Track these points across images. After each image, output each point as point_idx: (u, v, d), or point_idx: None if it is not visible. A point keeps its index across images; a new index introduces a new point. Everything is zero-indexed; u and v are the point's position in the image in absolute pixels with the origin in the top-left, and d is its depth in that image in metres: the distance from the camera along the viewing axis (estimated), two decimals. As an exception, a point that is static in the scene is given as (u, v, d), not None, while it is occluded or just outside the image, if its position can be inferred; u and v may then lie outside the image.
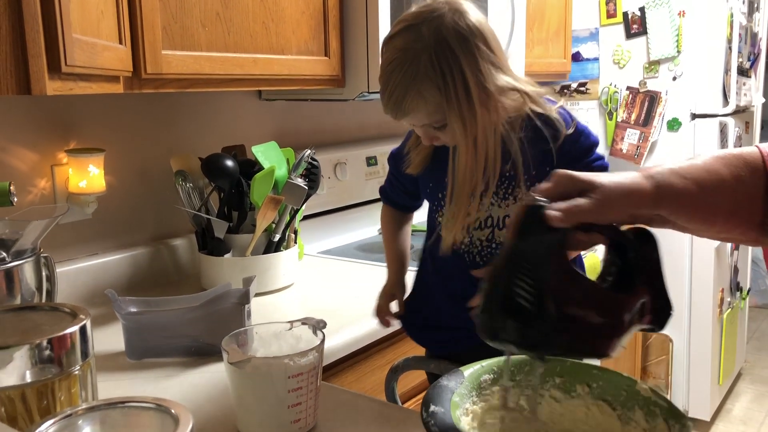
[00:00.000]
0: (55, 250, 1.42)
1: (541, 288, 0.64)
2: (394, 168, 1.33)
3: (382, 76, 1.11)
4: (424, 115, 1.10)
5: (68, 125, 1.53)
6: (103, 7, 1.10)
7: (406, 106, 1.08)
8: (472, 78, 1.06)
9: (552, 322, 0.64)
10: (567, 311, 0.64)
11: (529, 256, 0.65)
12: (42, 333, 0.73)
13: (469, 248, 1.20)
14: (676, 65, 2.76)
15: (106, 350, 1.26)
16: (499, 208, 1.17)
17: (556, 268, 0.65)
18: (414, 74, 1.06)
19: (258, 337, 0.98)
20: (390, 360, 1.40)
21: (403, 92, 1.07)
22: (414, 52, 1.06)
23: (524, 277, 0.64)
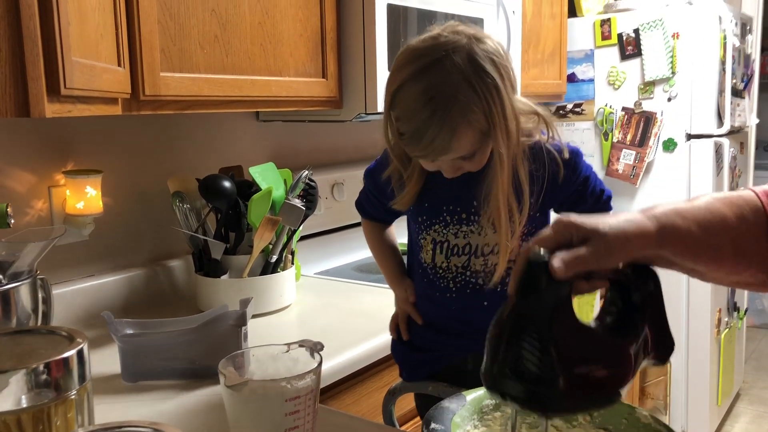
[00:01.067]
0: (52, 271, 1.41)
1: (549, 350, 0.63)
2: (372, 186, 1.29)
3: (417, 118, 1.02)
4: (469, 146, 1.06)
5: (66, 147, 1.53)
6: (102, 30, 1.11)
7: (455, 143, 1.03)
8: (507, 100, 1.05)
9: (560, 386, 0.63)
10: (575, 371, 0.64)
11: (535, 316, 0.65)
12: (39, 357, 0.72)
13: (444, 273, 1.19)
14: (671, 86, 2.78)
15: (101, 373, 1.25)
16: (478, 236, 1.16)
17: (561, 325, 0.65)
18: (461, 107, 1.01)
19: (255, 359, 0.97)
20: (387, 382, 1.39)
21: (453, 128, 1.01)
22: (453, 85, 1.01)
23: (530, 338, 0.64)
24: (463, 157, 1.07)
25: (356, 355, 1.36)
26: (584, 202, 1.19)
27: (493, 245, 1.15)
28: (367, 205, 1.34)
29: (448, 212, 1.17)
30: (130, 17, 1.24)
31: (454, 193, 1.16)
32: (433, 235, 1.19)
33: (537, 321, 0.65)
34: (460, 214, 1.16)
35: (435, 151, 1.04)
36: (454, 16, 1.92)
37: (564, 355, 0.63)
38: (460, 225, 1.16)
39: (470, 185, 1.13)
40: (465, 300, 1.18)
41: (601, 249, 0.66)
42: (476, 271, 1.17)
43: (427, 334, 1.24)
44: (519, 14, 2.27)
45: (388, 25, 1.70)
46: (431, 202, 1.18)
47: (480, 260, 1.16)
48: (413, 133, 1.04)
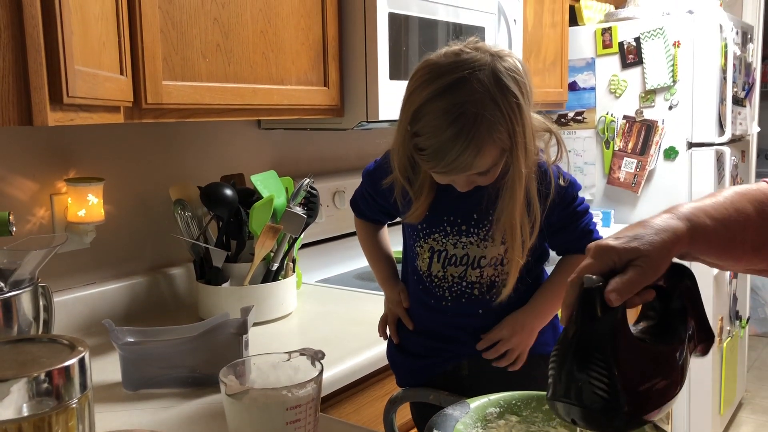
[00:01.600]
0: (53, 279, 1.41)
1: (614, 375, 0.66)
2: (371, 187, 1.28)
3: (442, 136, 1.02)
4: (490, 163, 1.06)
5: (68, 154, 1.54)
6: (104, 39, 1.11)
7: (479, 161, 1.03)
8: (528, 118, 1.06)
9: (626, 410, 0.66)
10: (639, 390, 0.67)
11: (597, 343, 0.67)
12: (40, 366, 0.72)
13: (440, 282, 1.19)
14: (672, 95, 2.78)
15: (102, 381, 1.25)
16: (477, 248, 1.16)
17: (622, 349, 0.67)
18: (488, 125, 1.01)
19: (256, 368, 0.97)
20: (389, 391, 1.39)
21: (479, 146, 1.02)
22: (479, 103, 1.01)
23: (596, 366, 0.66)
24: (480, 172, 1.07)
25: (357, 363, 1.36)
26: (569, 233, 1.19)
27: (491, 258, 1.16)
28: (362, 205, 1.34)
29: (448, 222, 1.17)
30: (133, 26, 1.24)
31: (456, 205, 1.16)
32: (431, 244, 1.19)
33: (600, 347, 0.67)
34: (461, 226, 1.16)
35: (458, 168, 1.04)
36: (456, 25, 1.93)
37: (627, 377, 0.66)
38: (459, 236, 1.16)
39: (473, 198, 1.13)
40: (460, 308, 1.19)
41: (648, 269, 0.68)
42: (472, 282, 1.17)
43: (422, 339, 1.24)
44: (520, 23, 2.28)
45: (389, 34, 1.71)
46: (432, 211, 1.18)
47: (476, 272, 1.17)
48: (437, 150, 1.03)
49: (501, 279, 1.17)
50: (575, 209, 1.19)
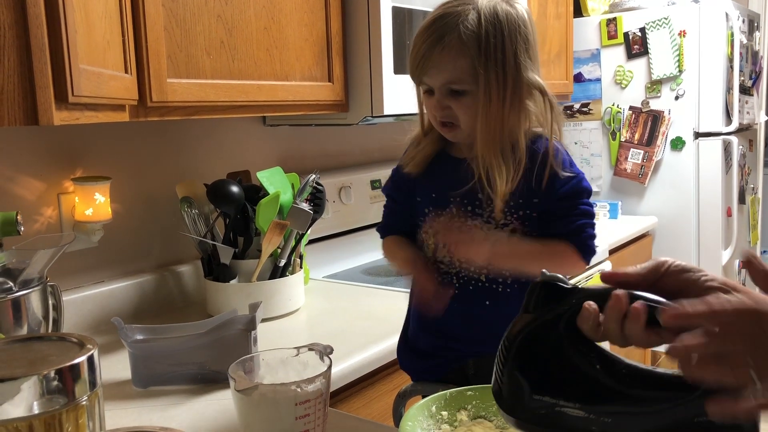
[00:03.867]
0: (62, 278, 1.42)
1: (507, 364, 0.67)
2: (393, 189, 1.29)
3: (421, 27, 1.11)
4: (452, 67, 1.09)
5: (74, 154, 1.54)
6: (109, 38, 1.12)
7: (447, 43, 1.07)
8: (512, 57, 1.09)
9: (506, 406, 0.67)
10: (533, 396, 0.67)
11: (516, 333, 0.68)
12: (50, 363, 0.73)
13: (447, 267, 1.19)
14: (678, 84, 2.77)
15: (112, 378, 1.26)
16: (481, 231, 1.15)
17: (534, 349, 0.68)
18: (458, 20, 1.08)
19: (265, 363, 0.98)
20: (398, 385, 1.39)
21: (446, 31, 1.08)
22: (462, 9, 1.09)
23: (501, 350, 0.68)
24: (452, 88, 1.10)
25: (366, 358, 1.36)
26: (565, 224, 1.15)
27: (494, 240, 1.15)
28: (391, 221, 1.30)
29: (454, 203, 1.17)
30: (137, 24, 1.24)
31: (462, 185, 1.16)
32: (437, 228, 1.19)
33: (513, 337, 0.68)
34: (466, 207, 1.16)
35: (424, 63, 1.10)
36: (460, 18, 1.92)
37: (523, 375, 0.66)
38: (465, 218, 1.16)
39: (472, 178, 1.14)
40: (467, 297, 1.18)
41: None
42: (479, 266, 1.17)
43: (429, 338, 1.24)
44: (524, 15, 2.26)
45: (393, 28, 1.70)
46: (438, 192, 1.19)
47: None
48: (413, 45, 1.12)
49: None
50: (578, 205, 1.15)
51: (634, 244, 2.72)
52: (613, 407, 0.63)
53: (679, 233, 2.84)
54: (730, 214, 2.83)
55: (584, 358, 0.65)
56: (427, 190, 1.21)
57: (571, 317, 0.65)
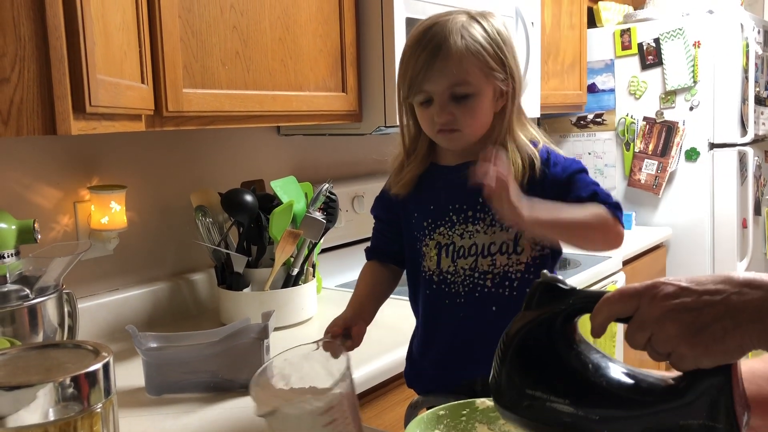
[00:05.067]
0: (77, 285, 1.43)
1: (505, 360, 0.71)
2: (381, 210, 1.28)
3: (408, 43, 1.11)
4: (457, 71, 1.07)
5: (91, 163, 1.56)
6: (126, 48, 1.13)
7: (449, 47, 1.06)
8: (510, 57, 1.11)
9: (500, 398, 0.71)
10: (525, 391, 0.69)
11: (515, 330, 0.73)
12: (65, 371, 0.73)
13: (453, 277, 1.18)
14: (692, 95, 2.76)
15: (126, 386, 1.26)
16: (484, 235, 1.15)
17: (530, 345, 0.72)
18: (454, 26, 1.07)
19: (287, 363, 0.98)
20: (409, 395, 1.38)
21: (445, 36, 1.07)
22: (450, 17, 1.09)
23: (500, 343, 0.73)
24: (456, 93, 1.09)
25: (378, 368, 1.36)
26: (572, 190, 1.13)
27: (500, 244, 1.15)
28: (380, 242, 1.29)
29: (453, 211, 1.16)
30: (153, 35, 1.26)
31: (460, 191, 1.14)
32: (437, 239, 1.18)
33: (511, 333, 0.72)
34: (467, 212, 1.16)
35: (424, 71, 1.08)
36: (473, 29, 1.93)
37: (516, 369, 0.70)
38: (466, 224, 1.16)
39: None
40: (474, 306, 1.17)
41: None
42: (484, 272, 1.16)
43: (435, 357, 1.22)
44: (538, 25, 2.27)
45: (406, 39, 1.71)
46: (436, 203, 1.18)
47: (487, 260, 1.15)
48: (404, 60, 1.11)
49: (515, 270, 1.15)
50: (584, 180, 1.14)
51: (648, 256, 2.70)
52: (601, 406, 0.66)
53: (694, 244, 2.82)
54: (746, 226, 2.80)
55: (577, 358, 0.68)
56: (423, 205, 1.20)
57: (567, 317, 0.68)
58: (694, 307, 0.60)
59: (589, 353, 0.68)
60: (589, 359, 0.68)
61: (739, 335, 0.58)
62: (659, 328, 0.61)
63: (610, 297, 0.65)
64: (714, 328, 0.59)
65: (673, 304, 0.60)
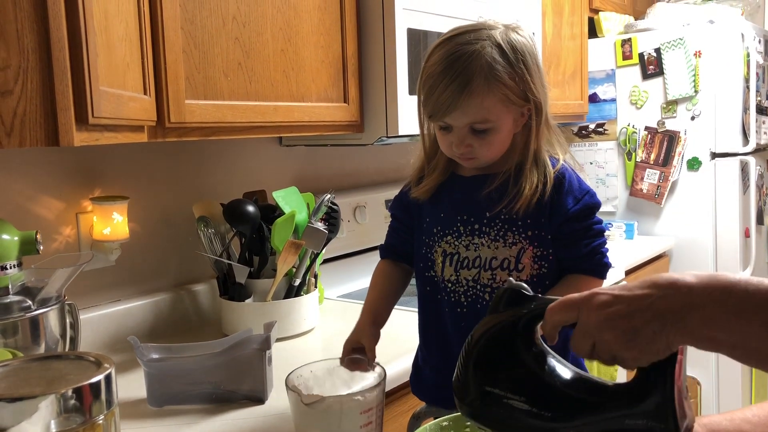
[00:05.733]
0: (79, 296, 1.43)
1: (464, 359, 0.76)
2: (399, 209, 1.30)
3: (436, 71, 1.08)
4: (478, 110, 1.08)
5: (93, 173, 1.56)
6: (128, 60, 1.14)
7: (474, 87, 1.06)
8: (532, 86, 1.10)
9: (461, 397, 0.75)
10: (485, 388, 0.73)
11: (480, 331, 0.77)
12: (67, 382, 0.73)
13: (455, 286, 1.19)
14: (694, 105, 2.76)
15: (128, 397, 1.26)
16: (488, 249, 1.16)
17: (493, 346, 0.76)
18: (481, 61, 1.06)
19: (312, 375, 0.98)
20: (412, 406, 1.38)
21: (471, 74, 1.06)
22: (479, 46, 1.07)
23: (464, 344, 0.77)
24: (476, 128, 1.10)
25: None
26: (577, 249, 1.16)
27: (502, 259, 1.15)
28: (395, 240, 1.31)
29: (462, 222, 1.18)
30: (156, 47, 1.27)
31: (470, 202, 1.17)
32: (444, 247, 1.19)
33: (477, 335, 0.76)
34: (473, 224, 1.17)
35: (453, 93, 1.07)
36: (474, 40, 1.94)
37: (478, 367, 0.73)
38: (472, 236, 1.17)
39: (486, 195, 1.15)
40: (473, 317, 1.17)
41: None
42: (484, 285, 1.17)
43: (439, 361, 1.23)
44: (539, 36, 2.28)
45: (408, 49, 1.72)
46: (447, 212, 1.20)
47: (488, 274, 1.16)
48: (430, 87, 1.09)
49: None
50: (590, 227, 1.17)
51: (651, 265, 2.69)
52: (553, 405, 0.70)
53: (697, 254, 2.82)
54: (748, 235, 2.80)
55: (535, 360, 0.72)
56: (435, 212, 1.21)
57: (528, 321, 0.72)
58: (626, 313, 0.65)
59: (546, 357, 0.73)
60: (546, 362, 0.72)
61: (665, 335, 0.64)
62: (599, 336, 0.66)
63: (553, 306, 0.70)
64: (645, 331, 0.65)
65: (609, 313, 0.66)
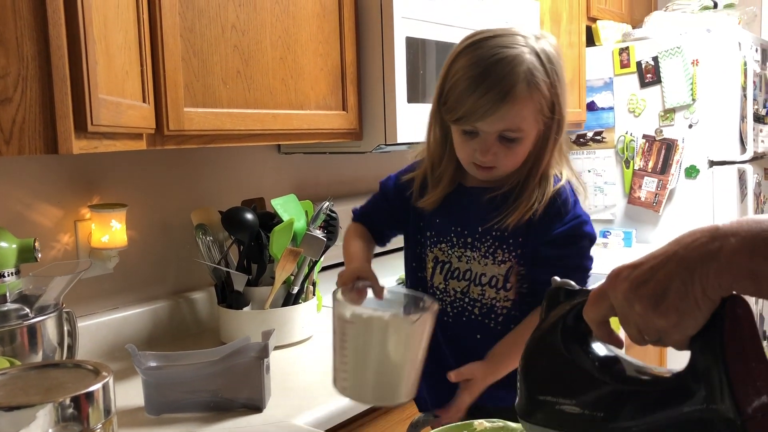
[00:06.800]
0: (77, 304, 1.43)
1: (522, 372, 0.70)
2: (391, 188, 1.27)
3: (472, 69, 1.04)
4: (514, 117, 1.04)
5: (91, 181, 1.56)
6: (128, 68, 1.14)
7: (517, 93, 1.03)
8: (563, 101, 1.09)
9: (522, 403, 0.69)
10: (537, 396, 0.68)
11: (530, 338, 0.72)
12: (65, 391, 0.73)
13: (442, 295, 1.18)
14: (691, 113, 2.77)
15: (126, 405, 1.26)
16: (478, 264, 1.15)
17: (546, 353, 0.70)
18: (522, 68, 1.03)
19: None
20: (409, 415, 1.38)
21: (515, 79, 1.02)
22: (518, 52, 1.04)
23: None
24: (506, 136, 1.06)
25: (378, 386, 1.35)
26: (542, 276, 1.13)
27: (490, 277, 1.14)
28: (371, 211, 1.29)
29: (455, 233, 1.17)
30: (155, 55, 1.27)
31: (466, 214, 1.16)
32: (436, 253, 1.18)
33: (529, 343, 0.71)
34: (466, 238, 1.16)
35: (485, 112, 1.03)
36: (473, 48, 1.94)
37: (531, 377, 0.69)
38: (464, 249, 1.16)
39: (482, 209, 1.13)
40: (460, 327, 1.17)
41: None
42: (474, 299, 1.16)
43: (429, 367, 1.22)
44: (537, 44, 2.28)
45: (407, 58, 1.72)
46: (443, 219, 1.18)
47: (478, 289, 1.16)
48: (464, 89, 1.04)
49: (501, 306, 1.15)
50: (566, 256, 1.12)
51: (649, 273, 2.69)
52: (605, 403, 0.63)
53: (695, 262, 2.82)
54: (746, 243, 2.80)
55: (585, 357, 0.66)
56: (432, 216, 1.20)
57: (575, 315, 0.66)
58: (648, 276, 0.57)
59: (599, 351, 0.67)
60: (597, 357, 0.66)
61: (699, 283, 0.54)
62: (632, 313, 0.58)
63: (585, 306, 0.63)
64: (674, 286, 0.55)
65: (631, 281, 0.58)
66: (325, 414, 1.23)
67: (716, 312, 0.55)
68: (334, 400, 1.25)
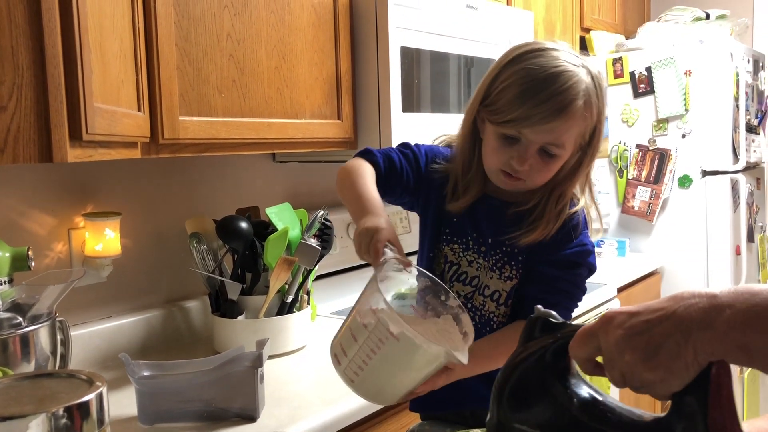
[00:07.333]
0: (70, 313, 1.42)
1: (496, 398, 0.70)
2: (424, 166, 1.17)
3: (534, 73, 1.01)
4: (564, 132, 1.03)
5: (85, 189, 1.56)
6: (123, 76, 1.14)
7: (575, 109, 1.02)
8: (603, 126, 1.09)
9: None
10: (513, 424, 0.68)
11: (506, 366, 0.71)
12: (58, 401, 0.73)
13: None
14: (684, 123, 2.78)
15: (119, 415, 1.25)
16: (485, 275, 1.15)
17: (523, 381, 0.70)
18: (581, 86, 1.02)
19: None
20: (405, 424, 1.38)
21: (576, 94, 1.01)
22: (577, 70, 1.03)
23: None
24: (548, 150, 1.05)
25: (373, 396, 1.35)
26: (533, 291, 1.12)
27: (493, 290, 1.14)
28: (398, 167, 1.15)
29: (472, 238, 1.16)
30: (150, 64, 1.27)
31: (485, 225, 1.15)
32: (447, 252, 1.17)
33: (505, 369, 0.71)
34: (480, 246, 1.15)
35: (541, 120, 1.00)
36: (467, 58, 1.95)
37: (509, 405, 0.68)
38: (477, 255, 1.16)
39: (498, 222, 1.13)
40: None
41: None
42: (476, 307, 1.16)
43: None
44: (531, 54, 2.29)
45: (401, 67, 1.73)
46: (461, 220, 1.16)
47: (481, 299, 1.16)
48: (522, 92, 1.01)
49: (498, 321, 1.15)
50: (560, 279, 1.12)
51: (642, 283, 2.70)
52: None
53: (688, 271, 2.83)
54: (739, 253, 2.81)
55: (565, 392, 0.66)
56: (452, 213, 1.17)
57: (556, 351, 0.66)
58: (644, 329, 0.58)
59: (578, 388, 0.67)
60: (576, 394, 0.66)
61: (690, 347, 0.56)
62: (620, 359, 0.59)
63: (572, 342, 0.64)
64: (667, 345, 0.57)
65: (625, 329, 0.59)
66: (319, 424, 1.22)
67: (701, 372, 0.58)
68: (328, 409, 1.24)
